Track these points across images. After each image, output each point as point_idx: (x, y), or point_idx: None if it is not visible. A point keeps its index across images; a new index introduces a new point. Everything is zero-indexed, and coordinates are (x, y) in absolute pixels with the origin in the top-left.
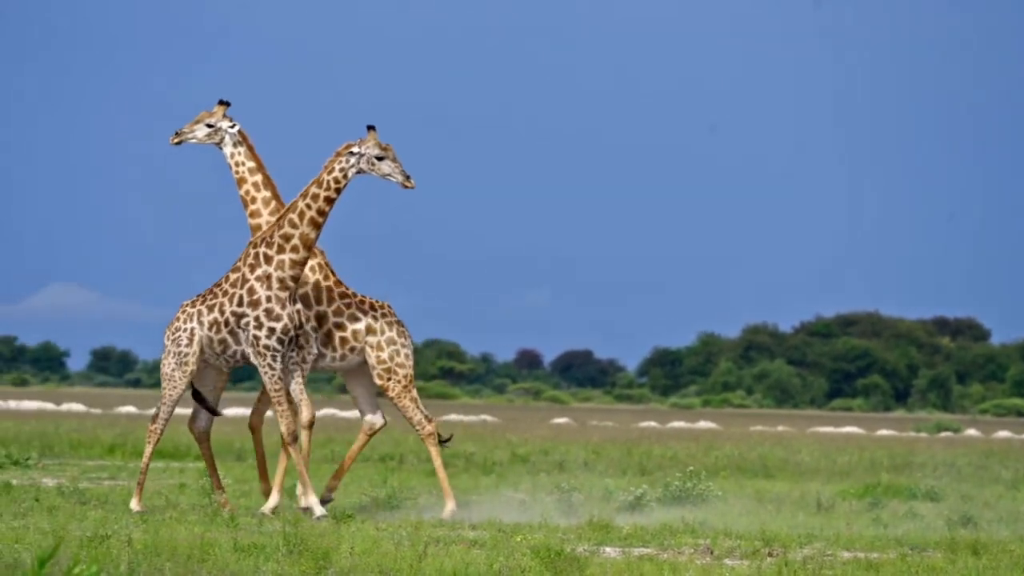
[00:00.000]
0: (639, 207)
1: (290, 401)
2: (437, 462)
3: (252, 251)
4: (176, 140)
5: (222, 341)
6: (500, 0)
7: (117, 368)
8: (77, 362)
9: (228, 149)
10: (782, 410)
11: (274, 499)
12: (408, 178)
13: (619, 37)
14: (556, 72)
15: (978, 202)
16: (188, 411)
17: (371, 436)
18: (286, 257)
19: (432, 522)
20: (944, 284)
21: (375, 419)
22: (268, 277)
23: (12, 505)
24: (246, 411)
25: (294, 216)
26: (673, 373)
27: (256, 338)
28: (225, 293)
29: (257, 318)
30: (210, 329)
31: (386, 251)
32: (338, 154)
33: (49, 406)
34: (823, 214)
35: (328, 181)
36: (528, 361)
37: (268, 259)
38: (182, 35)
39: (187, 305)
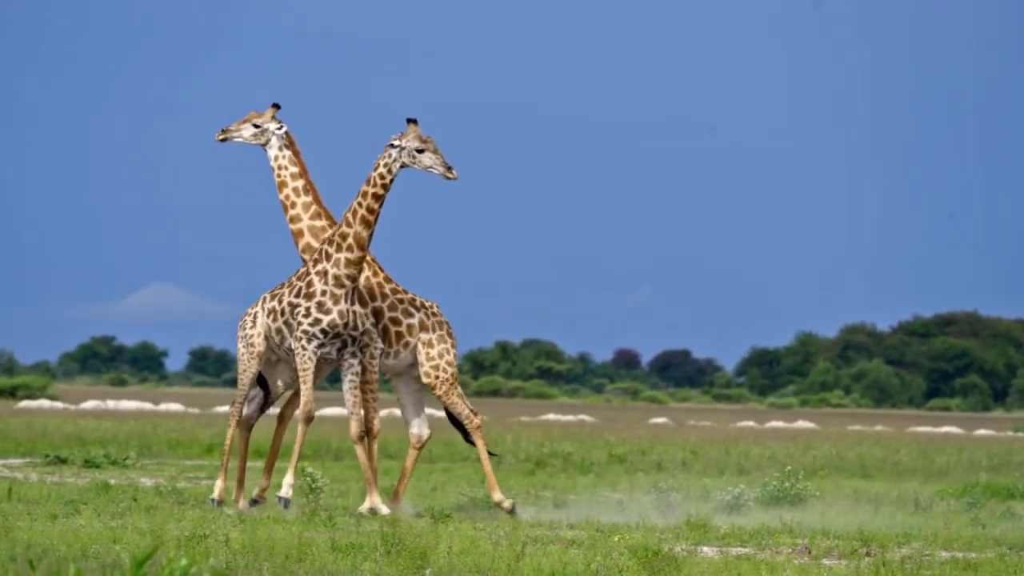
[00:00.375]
0: (739, 207)
1: (363, 402)
2: (483, 455)
3: (321, 248)
4: (221, 137)
5: (279, 331)
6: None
7: (215, 368)
8: (175, 362)
9: (273, 151)
10: (880, 410)
11: (373, 502)
12: (450, 169)
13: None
14: (657, 72)
15: None
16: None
17: (421, 449)
18: (342, 256)
19: (530, 522)
20: None
21: (422, 431)
22: (325, 273)
23: (111, 505)
24: (343, 411)
25: (349, 215)
26: (771, 373)
27: (299, 323)
28: (290, 285)
29: (308, 308)
30: (269, 316)
31: (485, 252)
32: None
33: (147, 406)
34: (924, 213)
35: (374, 178)
36: (626, 361)
37: (328, 256)
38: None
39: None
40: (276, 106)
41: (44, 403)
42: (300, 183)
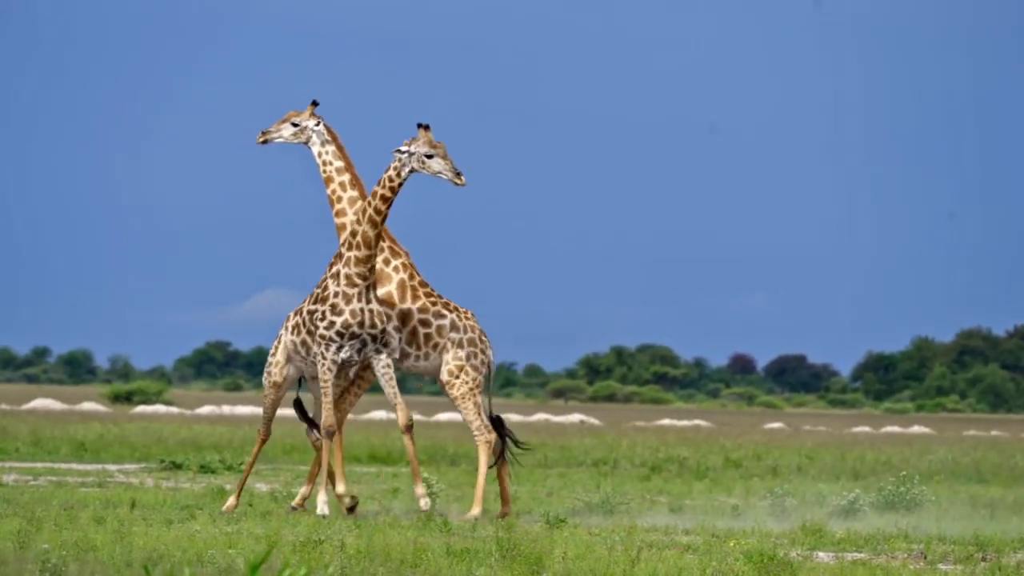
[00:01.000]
0: (854, 211)
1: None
2: (482, 469)
3: (338, 250)
4: (262, 139)
5: (303, 343)
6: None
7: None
8: None
9: (316, 148)
10: (996, 415)
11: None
12: (459, 175)
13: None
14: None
15: None
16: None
17: (495, 452)
18: (352, 254)
19: (645, 527)
20: None
21: (490, 435)
22: (338, 274)
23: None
24: (457, 417)
25: (360, 214)
26: (887, 378)
27: (316, 327)
28: (311, 294)
29: (323, 312)
30: (293, 332)
31: (600, 258)
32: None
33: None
34: None
35: (384, 180)
36: (742, 366)
37: (340, 256)
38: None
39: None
40: (315, 103)
41: (160, 408)
42: (346, 177)
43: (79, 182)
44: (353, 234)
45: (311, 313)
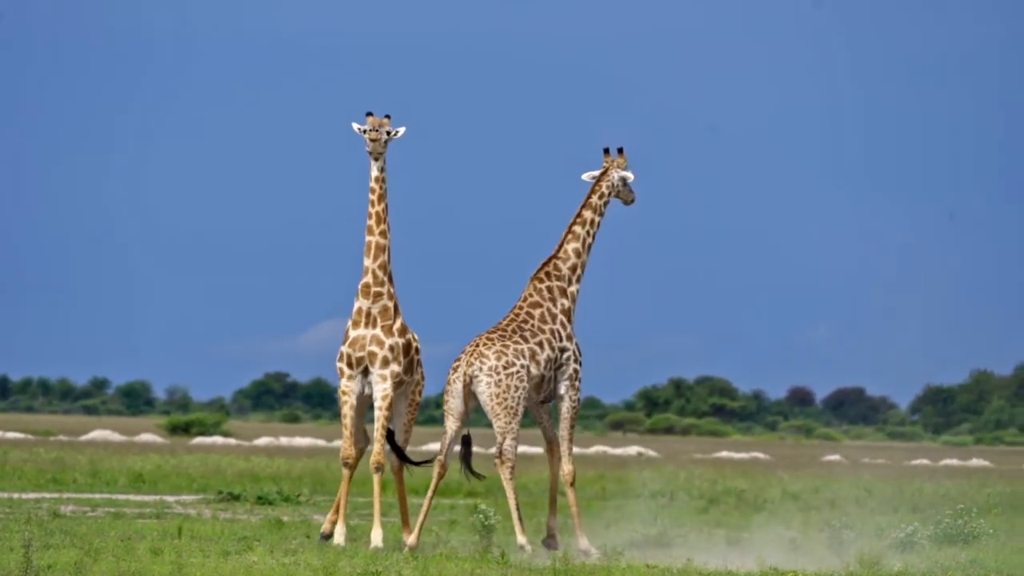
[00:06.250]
0: (912, 240)
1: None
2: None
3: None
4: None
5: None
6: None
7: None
8: None
9: (382, 162)
10: None
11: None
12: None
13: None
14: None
15: None
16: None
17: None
18: (575, 288)
19: (700, 560)
20: None
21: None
22: (568, 311)
23: (283, 542)
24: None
25: (583, 245)
26: (945, 411)
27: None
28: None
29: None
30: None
31: (658, 288)
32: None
33: (320, 443)
34: None
35: (599, 206)
36: (800, 398)
37: (564, 292)
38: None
39: None
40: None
41: (218, 440)
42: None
43: (138, 211)
44: (575, 268)
45: (563, 351)
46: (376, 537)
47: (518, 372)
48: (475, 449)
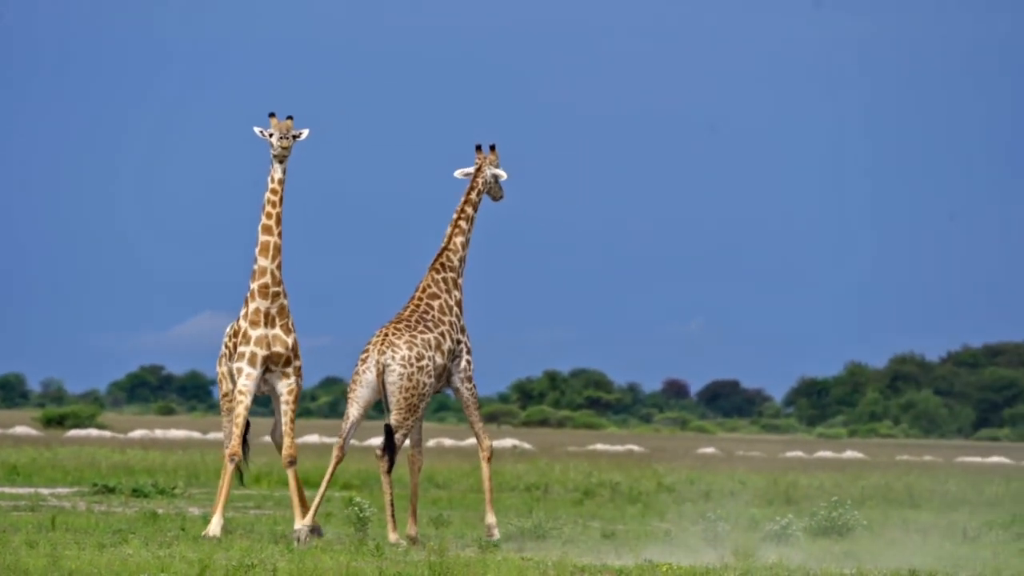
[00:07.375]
0: (789, 234)
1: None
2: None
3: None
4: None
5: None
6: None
7: (264, 398)
8: None
9: (284, 165)
10: (928, 440)
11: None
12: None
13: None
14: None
15: None
16: (355, 442)
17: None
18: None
19: (576, 553)
20: None
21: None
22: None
23: (158, 534)
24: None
25: (466, 239)
26: (820, 403)
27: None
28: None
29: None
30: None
31: (532, 280)
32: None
33: (196, 435)
34: (974, 241)
35: (476, 202)
36: (675, 391)
37: (456, 283)
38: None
39: None
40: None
41: (92, 432)
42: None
43: (8, 202)
44: (463, 260)
45: (458, 343)
46: (215, 526)
47: (427, 367)
48: (353, 442)
